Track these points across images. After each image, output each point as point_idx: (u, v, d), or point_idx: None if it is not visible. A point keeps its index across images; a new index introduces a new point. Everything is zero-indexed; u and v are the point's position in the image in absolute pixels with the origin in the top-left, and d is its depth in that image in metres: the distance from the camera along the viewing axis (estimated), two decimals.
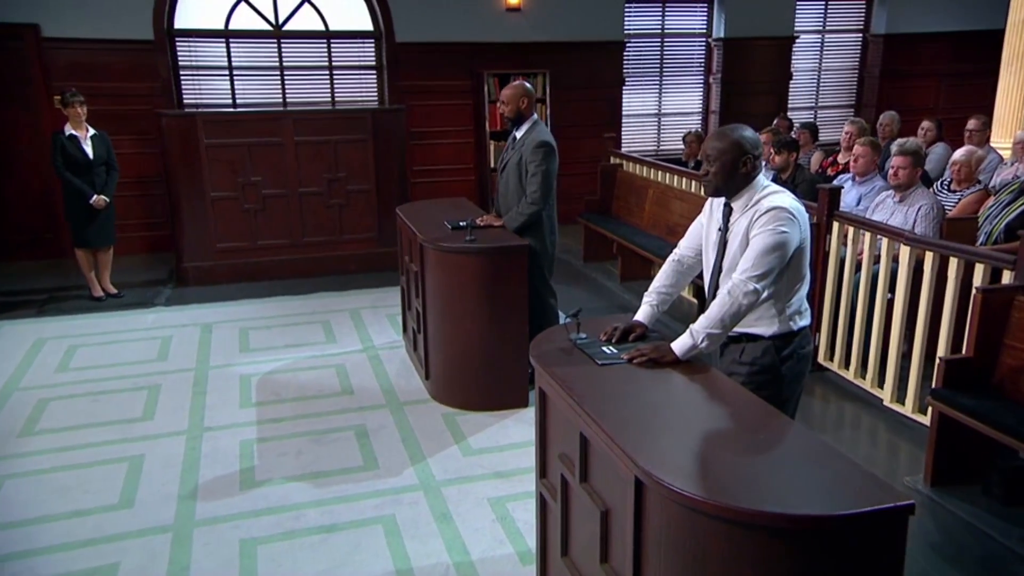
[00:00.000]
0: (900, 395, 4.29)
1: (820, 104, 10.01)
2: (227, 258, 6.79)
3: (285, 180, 6.82)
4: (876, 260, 4.45)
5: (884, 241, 4.31)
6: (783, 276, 2.56)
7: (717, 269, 2.66)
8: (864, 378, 4.53)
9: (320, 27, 8.09)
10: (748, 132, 2.59)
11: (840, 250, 4.64)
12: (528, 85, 4.43)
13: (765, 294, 2.55)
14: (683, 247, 2.86)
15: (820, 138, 9.24)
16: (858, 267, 4.60)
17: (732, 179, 2.57)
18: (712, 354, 2.78)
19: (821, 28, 9.80)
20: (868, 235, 4.42)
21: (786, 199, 2.55)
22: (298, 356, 5.14)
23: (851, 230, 4.54)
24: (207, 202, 6.64)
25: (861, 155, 5.47)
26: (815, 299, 4.69)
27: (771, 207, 2.50)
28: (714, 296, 2.65)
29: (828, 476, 1.92)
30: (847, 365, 4.65)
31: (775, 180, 5.93)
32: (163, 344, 5.33)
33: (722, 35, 9.12)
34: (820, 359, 4.79)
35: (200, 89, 7.86)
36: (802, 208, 2.58)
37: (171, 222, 6.76)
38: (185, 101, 7.76)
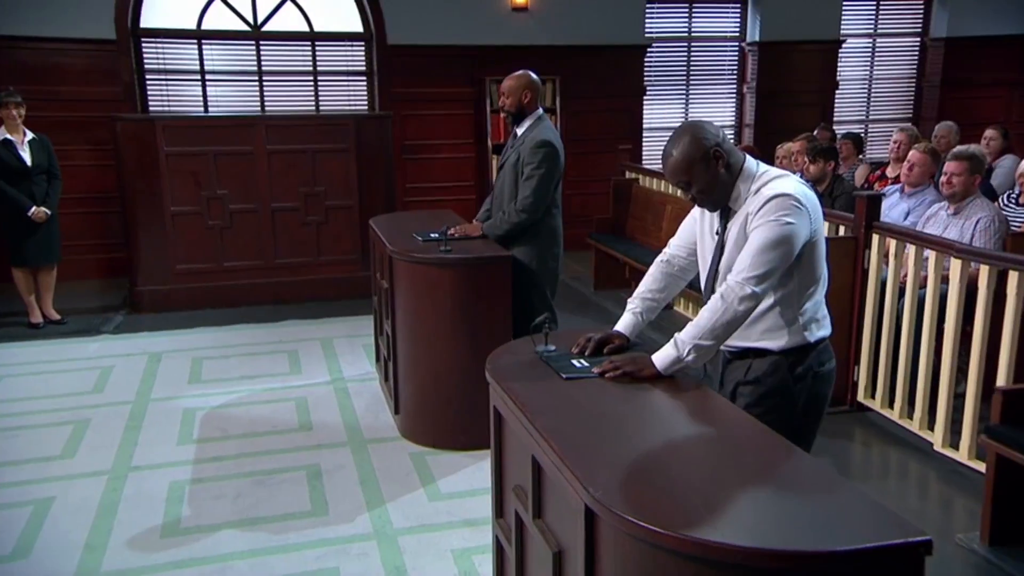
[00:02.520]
0: (953, 439, 4.09)
1: (871, 117, 9.89)
2: (188, 281, 6.71)
3: (255, 194, 6.77)
4: (923, 283, 4.26)
5: (931, 255, 4.11)
6: (792, 277, 2.39)
7: (713, 274, 2.49)
8: (911, 419, 4.33)
9: (304, 28, 8.13)
10: (696, 129, 2.41)
11: (881, 269, 4.45)
12: (534, 76, 4.30)
13: (770, 300, 2.39)
14: (674, 245, 2.72)
15: (871, 155, 9.10)
16: (903, 290, 4.40)
17: (720, 184, 2.40)
18: (712, 376, 2.60)
19: (872, 31, 9.71)
20: (913, 249, 4.23)
21: (790, 183, 2.37)
22: (254, 388, 5.04)
23: (893, 244, 4.36)
24: (166, 218, 6.60)
25: (917, 163, 5.29)
26: (853, 327, 4.53)
27: (773, 195, 2.32)
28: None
29: (825, 506, 1.73)
30: (891, 404, 4.46)
31: None
32: (102, 375, 5.24)
33: (757, 38, 9.05)
34: (860, 397, 4.61)
35: (168, 95, 7.90)
36: (811, 193, 2.41)
37: (125, 240, 6.69)
38: (151, 108, 7.77)
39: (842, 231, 4.66)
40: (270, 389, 5.02)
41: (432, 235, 4.28)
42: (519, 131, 4.32)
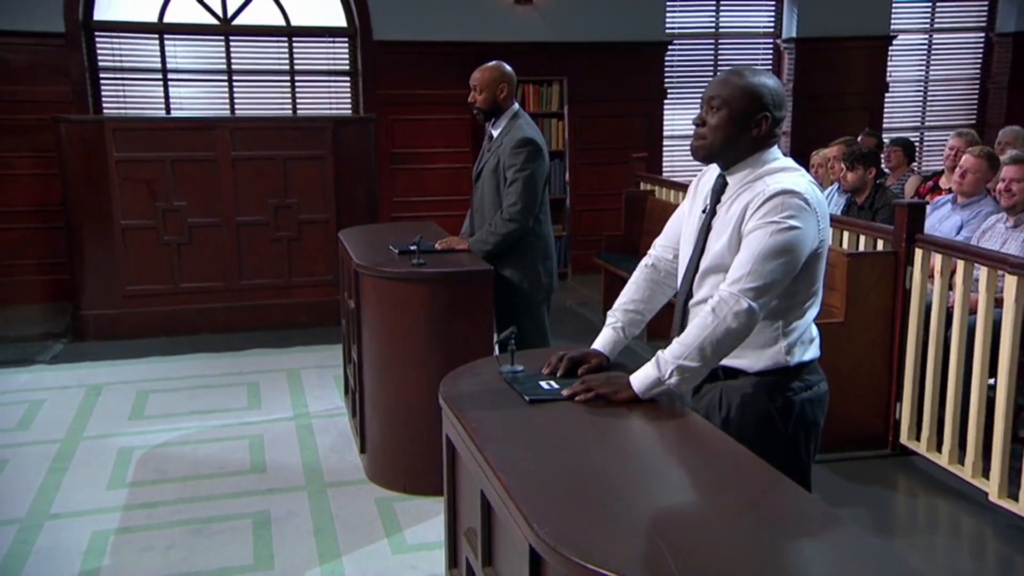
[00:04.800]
0: (1012, 489, 3.96)
1: (928, 123, 9.84)
2: (139, 305, 6.67)
3: (218, 206, 6.75)
4: (975, 307, 4.15)
5: (983, 272, 4.01)
6: (784, 289, 2.29)
7: (693, 268, 2.42)
8: (962, 464, 4.21)
9: (279, 22, 8.17)
10: (771, 81, 2.37)
11: (926, 289, 4.36)
12: (508, 68, 4.29)
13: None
14: (659, 246, 2.66)
15: (928, 167, 9.00)
16: (951, 314, 4.30)
17: (736, 141, 2.33)
18: (683, 397, 2.50)
19: (928, 25, 9.68)
20: (962, 265, 4.13)
21: (800, 180, 2.30)
22: (204, 425, 5.00)
23: (939, 260, 4.26)
24: (115, 233, 6.57)
25: (971, 168, 5.22)
26: (893, 356, 4.45)
27: (779, 190, 2.24)
28: (686, 309, 2.40)
29: (818, 550, 1.65)
30: (939, 447, 4.35)
31: (848, 206, 5.69)
32: (29, 410, 5.21)
33: (794, 34, 9.04)
34: (903, 439, 4.51)
35: (124, 96, 7.93)
36: (820, 195, 2.33)
37: (69, 258, 6.68)
38: (105, 111, 7.80)
39: (880, 245, 4.57)
40: (223, 426, 4.98)
41: (411, 247, 4.21)
42: (494, 132, 4.32)
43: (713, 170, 2.47)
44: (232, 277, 6.86)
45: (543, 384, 2.40)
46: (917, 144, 9.37)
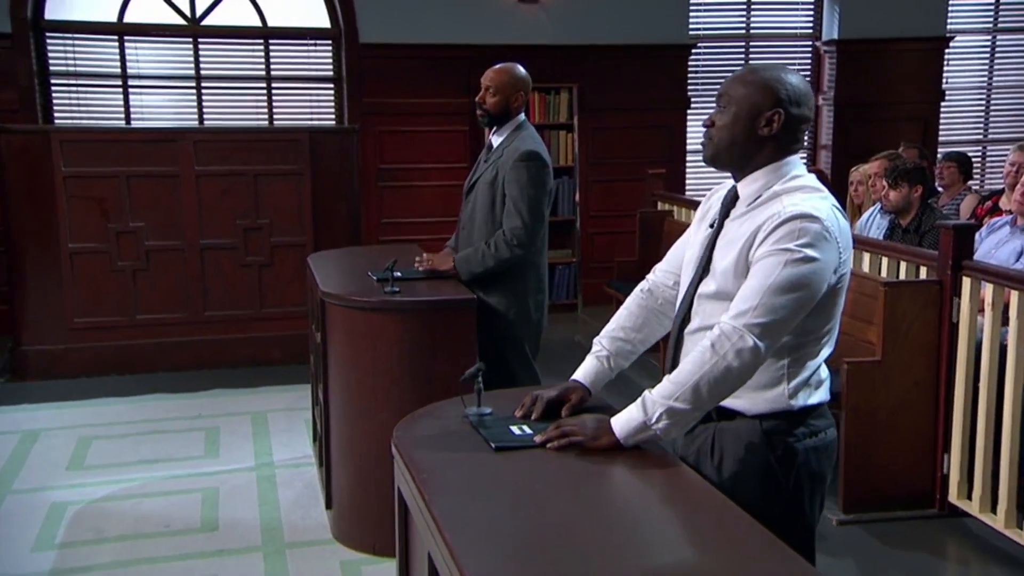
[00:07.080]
0: None
1: (990, 135, 9.81)
2: (88, 340, 6.66)
3: (180, 228, 6.76)
4: None
5: None
6: (798, 325, 2.27)
7: (692, 289, 2.39)
8: (1021, 528, 4.15)
9: (255, 23, 8.23)
10: (792, 77, 2.36)
11: (976, 324, 4.29)
12: (525, 72, 4.30)
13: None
14: (659, 271, 2.65)
15: (991, 185, 8.93)
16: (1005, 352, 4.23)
17: (746, 142, 2.32)
18: (672, 442, 2.45)
19: (991, 25, 9.68)
20: (1016, 296, 4.06)
21: (822, 204, 2.26)
22: (152, 476, 4.97)
23: (990, 289, 4.20)
24: (62, 258, 6.58)
25: None
26: (939, 401, 4.38)
27: (796, 213, 2.20)
28: (680, 336, 2.37)
29: None
30: (993, 507, 4.27)
31: (891, 229, 5.64)
32: None
33: (836, 36, 9.04)
34: (953, 497, 4.43)
35: (79, 104, 8.00)
36: (844, 222, 2.29)
37: (8, 287, 6.69)
38: (56, 121, 7.86)
39: (924, 273, 4.52)
40: (173, 477, 4.96)
41: (396, 273, 4.17)
42: (495, 140, 4.31)
43: (723, 190, 2.45)
44: (195, 308, 6.85)
45: (514, 429, 2.37)
46: (977, 159, 9.33)
